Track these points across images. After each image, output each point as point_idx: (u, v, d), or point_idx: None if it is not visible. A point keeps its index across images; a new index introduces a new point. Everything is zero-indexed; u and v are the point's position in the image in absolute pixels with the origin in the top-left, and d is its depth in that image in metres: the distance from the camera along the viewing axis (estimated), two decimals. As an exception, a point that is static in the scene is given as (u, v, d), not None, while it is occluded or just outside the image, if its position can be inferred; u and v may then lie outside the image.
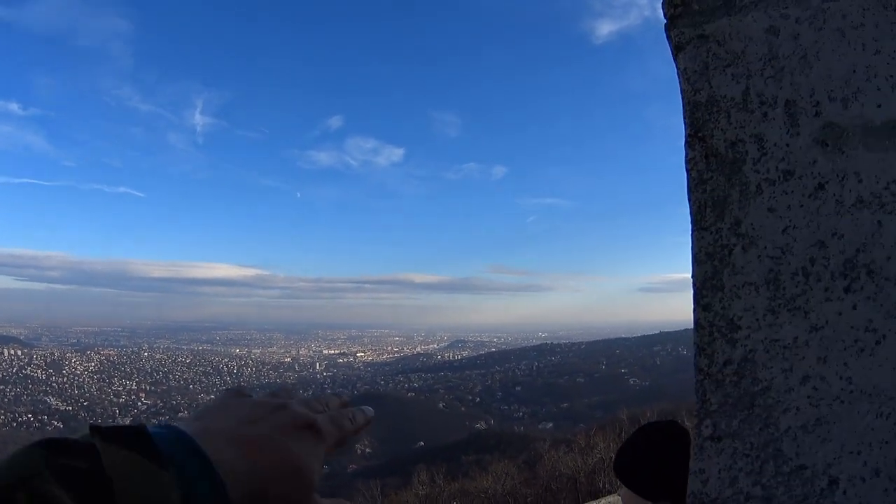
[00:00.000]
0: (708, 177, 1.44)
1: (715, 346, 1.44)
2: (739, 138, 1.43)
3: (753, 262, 1.40)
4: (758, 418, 1.37)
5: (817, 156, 1.39)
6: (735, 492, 1.40)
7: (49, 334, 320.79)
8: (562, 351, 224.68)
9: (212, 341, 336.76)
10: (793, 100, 1.41)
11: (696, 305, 1.49)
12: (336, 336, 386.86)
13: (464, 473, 45.37)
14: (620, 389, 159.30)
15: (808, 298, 1.37)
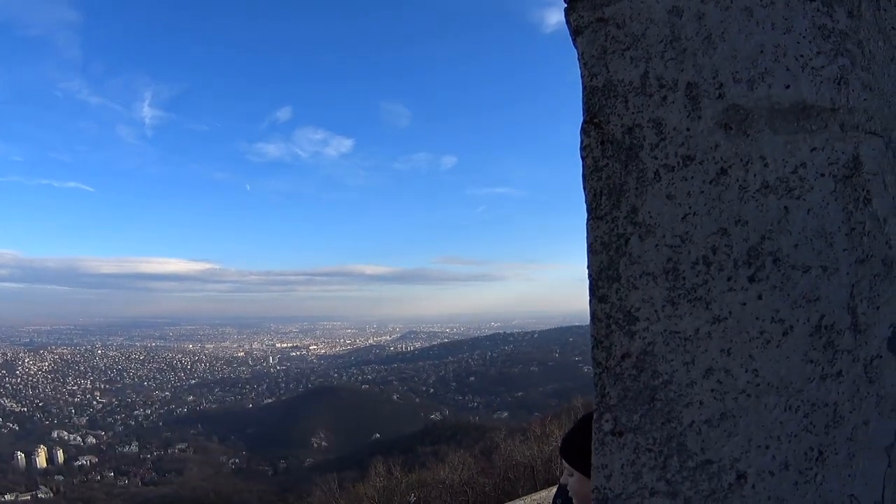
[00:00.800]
0: (603, 164, 1.43)
1: (612, 338, 1.41)
2: (637, 123, 1.42)
3: (651, 252, 1.39)
4: (659, 412, 1.37)
5: (720, 140, 1.39)
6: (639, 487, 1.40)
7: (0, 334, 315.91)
8: (515, 340, 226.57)
9: (165, 337, 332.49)
10: (695, 82, 1.40)
11: (592, 297, 1.48)
12: (288, 329, 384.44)
13: (421, 464, 46.80)
14: (574, 377, 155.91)
15: (710, 289, 1.37)
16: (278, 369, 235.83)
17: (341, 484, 37.93)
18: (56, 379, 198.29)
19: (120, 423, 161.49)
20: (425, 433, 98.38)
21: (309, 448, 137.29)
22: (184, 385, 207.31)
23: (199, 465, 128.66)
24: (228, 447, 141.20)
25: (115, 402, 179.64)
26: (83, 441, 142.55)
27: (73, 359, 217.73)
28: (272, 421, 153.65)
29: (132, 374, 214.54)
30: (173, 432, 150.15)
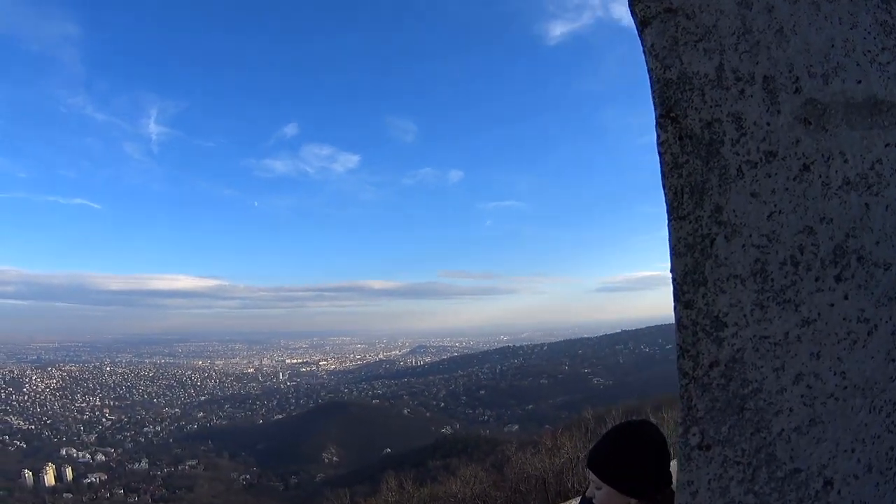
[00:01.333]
0: (683, 160, 1.36)
1: (700, 346, 1.35)
2: (716, 118, 1.34)
3: (738, 253, 1.32)
4: (749, 423, 1.30)
5: (800, 135, 1.32)
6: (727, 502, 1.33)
7: (6, 351, 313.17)
8: (524, 353, 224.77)
9: (174, 354, 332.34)
10: (771, 76, 1.34)
11: (677, 303, 1.42)
12: (298, 345, 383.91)
13: (432, 479, 46.45)
14: (584, 389, 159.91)
15: (799, 290, 1.31)
16: (288, 385, 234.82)
17: (353, 499, 37.56)
18: (64, 396, 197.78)
19: (129, 440, 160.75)
20: (436, 447, 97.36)
21: (320, 463, 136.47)
22: (194, 401, 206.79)
23: (210, 481, 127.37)
24: (239, 463, 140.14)
25: (124, 418, 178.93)
26: (92, 458, 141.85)
27: (82, 376, 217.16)
28: (283, 437, 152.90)
29: (141, 391, 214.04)
30: (183, 449, 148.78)
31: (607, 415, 36.11)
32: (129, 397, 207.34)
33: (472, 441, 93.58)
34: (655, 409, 37.45)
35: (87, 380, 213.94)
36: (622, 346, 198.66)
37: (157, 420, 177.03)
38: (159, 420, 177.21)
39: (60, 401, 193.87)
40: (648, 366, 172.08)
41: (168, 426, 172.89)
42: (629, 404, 50.38)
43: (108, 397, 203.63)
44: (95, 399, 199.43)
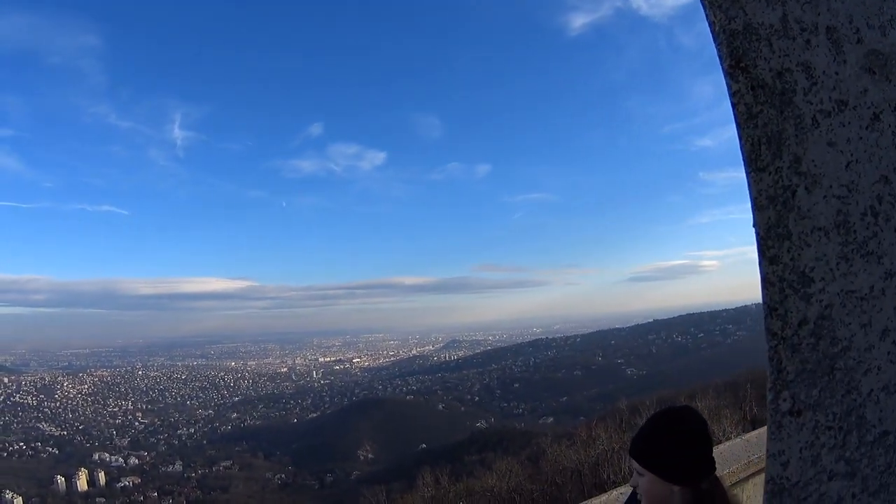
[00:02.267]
0: (758, 110, 1.32)
1: (788, 304, 1.30)
2: (786, 67, 1.32)
3: (820, 204, 1.30)
4: (839, 384, 1.26)
5: (867, 84, 1.30)
6: (818, 471, 1.30)
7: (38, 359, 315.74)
8: (557, 345, 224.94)
9: (206, 356, 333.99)
10: (833, 26, 1.32)
11: (762, 258, 1.36)
12: (331, 343, 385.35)
13: (468, 473, 45.08)
14: (618, 380, 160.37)
15: (881, 241, 1.27)
16: (322, 383, 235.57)
17: (389, 495, 36.63)
18: (96, 401, 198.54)
19: (163, 442, 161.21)
20: (472, 441, 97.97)
21: (355, 461, 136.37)
22: (227, 403, 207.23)
23: (245, 481, 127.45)
24: (274, 463, 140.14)
25: (157, 422, 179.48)
26: (125, 462, 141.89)
27: (114, 381, 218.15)
28: (317, 435, 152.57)
29: (174, 394, 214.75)
30: (218, 450, 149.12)
31: (641, 405, 35.87)
32: (161, 400, 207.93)
33: (508, 434, 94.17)
34: (689, 398, 37.00)
35: (119, 384, 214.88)
36: (654, 335, 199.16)
37: (190, 422, 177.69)
38: (193, 422, 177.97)
39: (92, 406, 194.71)
40: (681, 355, 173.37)
41: (202, 428, 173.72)
42: (663, 394, 49.55)
43: (141, 401, 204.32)
44: (128, 403, 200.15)
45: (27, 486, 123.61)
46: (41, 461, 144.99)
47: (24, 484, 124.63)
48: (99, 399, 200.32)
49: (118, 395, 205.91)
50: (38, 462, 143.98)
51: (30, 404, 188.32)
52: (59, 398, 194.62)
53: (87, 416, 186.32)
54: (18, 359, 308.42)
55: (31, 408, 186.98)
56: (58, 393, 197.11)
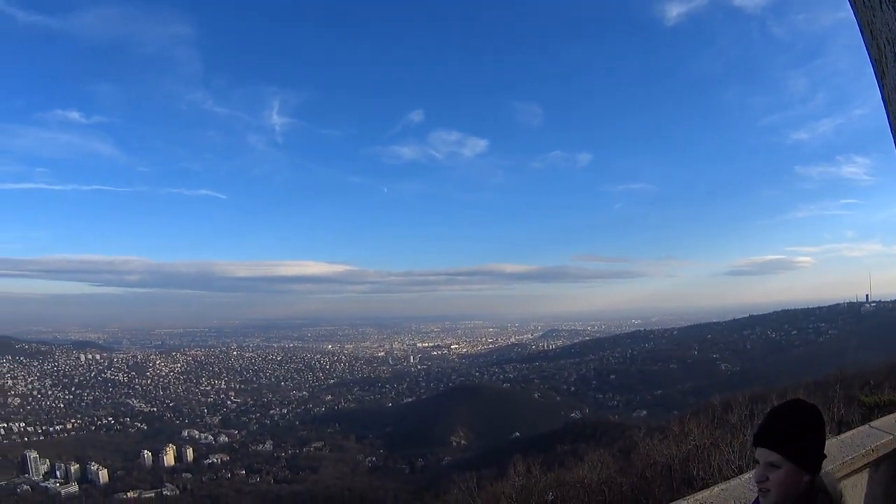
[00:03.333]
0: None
1: None
2: None
3: None
4: None
5: None
6: None
7: (130, 337, 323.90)
8: (655, 337, 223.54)
9: (303, 338, 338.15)
10: None
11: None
12: (430, 329, 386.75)
13: (559, 463, 43.51)
14: (712, 374, 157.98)
15: None
16: (419, 368, 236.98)
17: (479, 482, 34.83)
18: (188, 380, 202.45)
19: (254, 422, 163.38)
20: (565, 431, 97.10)
21: (448, 446, 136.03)
22: (322, 385, 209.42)
23: (335, 463, 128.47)
24: (365, 446, 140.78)
25: (250, 401, 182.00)
26: (215, 440, 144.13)
27: (207, 360, 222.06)
28: (411, 419, 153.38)
29: (269, 375, 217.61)
30: (309, 431, 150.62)
31: (734, 401, 33.03)
32: (255, 381, 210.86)
33: (601, 426, 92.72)
34: (780, 396, 33.16)
35: (213, 364, 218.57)
36: (750, 331, 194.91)
37: (283, 403, 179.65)
38: (286, 403, 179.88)
39: (184, 384, 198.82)
40: (774, 352, 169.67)
41: (295, 409, 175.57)
42: (755, 392, 46.46)
43: (235, 381, 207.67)
44: (221, 382, 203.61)
45: (113, 460, 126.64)
46: (129, 436, 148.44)
47: (110, 457, 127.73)
48: (191, 378, 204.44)
49: (211, 374, 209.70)
50: (125, 436, 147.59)
51: (120, 381, 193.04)
52: (151, 376, 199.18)
53: (179, 394, 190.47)
54: (111, 337, 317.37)
55: (121, 384, 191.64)
56: (149, 371, 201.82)
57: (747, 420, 25.72)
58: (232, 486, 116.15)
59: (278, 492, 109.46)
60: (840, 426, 23.32)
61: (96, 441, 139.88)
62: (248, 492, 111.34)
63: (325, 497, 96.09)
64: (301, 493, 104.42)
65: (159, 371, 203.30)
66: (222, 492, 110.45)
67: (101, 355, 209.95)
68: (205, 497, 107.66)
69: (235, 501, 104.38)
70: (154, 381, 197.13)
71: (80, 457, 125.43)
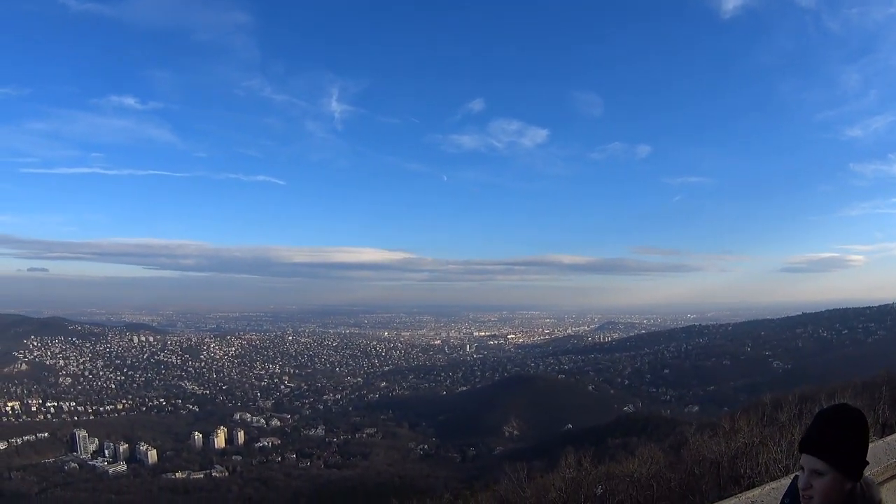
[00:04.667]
0: None
1: None
2: None
3: None
4: None
5: None
6: None
7: (185, 320, 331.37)
8: (709, 333, 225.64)
9: (360, 324, 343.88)
10: None
11: None
12: (486, 318, 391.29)
13: (610, 456, 43.94)
14: (764, 372, 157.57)
15: None
16: (475, 357, 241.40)
17: (529, 473, 34.37)
18: (243, 363, 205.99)
19: (307, 406, 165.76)
20: (617, 425, 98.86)
21: (500, 436, 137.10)
22: (377, 371, 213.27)
23: (386, 450, 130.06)
24: (418, 433, 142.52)
25: (304, 386, 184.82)
26: (267, 423, 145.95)
27: (262, 344, 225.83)
28: (465, 408, 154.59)
29: (324, 360, 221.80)
30: (362, 417, 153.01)
31: (783, 400, 32.59)
32: (310, 366, 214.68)
33: (653, 420, 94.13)
34: (829, 396, 34.52)
35: (268, 348, 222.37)
36: (802, 329, 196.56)
37: (337, 388, 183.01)
38: (340, 388, 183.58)
39: (238, 368, 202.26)
40: (825, 350, 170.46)
41: (349, 395, 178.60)
42: (804, 391, 45.83)
43: (289, 365, 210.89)
44: (275, 367, 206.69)
45: (163, 440, 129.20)
46: (180, 417, 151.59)
47: (160, 438, 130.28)
48: (245, 361, 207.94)
49: (266, 358, 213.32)
50: (176, 418, 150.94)
51: (173, 363, 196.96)
52: (205, 359, 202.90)
53: (232, 378, 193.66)
54: (165, 320, 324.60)
55: (174, 366, 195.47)
56: (203, 354, 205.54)
57: (796, 419, 24.92)
58: (282, 469, 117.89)
59: (328, 476, 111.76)
60: (884, 429, 22.37)
61: (146, 422, 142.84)
62: (297, 476, 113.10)
63: (375, 483, 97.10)
64: (351, 478, 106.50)
65: (213, 354, 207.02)
66: (272, 475, 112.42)
67: (154, 337, 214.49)
68: (254, 479, 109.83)
69: (285, 485, 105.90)
70: (208, 364, 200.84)
71: (129, 437, 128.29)
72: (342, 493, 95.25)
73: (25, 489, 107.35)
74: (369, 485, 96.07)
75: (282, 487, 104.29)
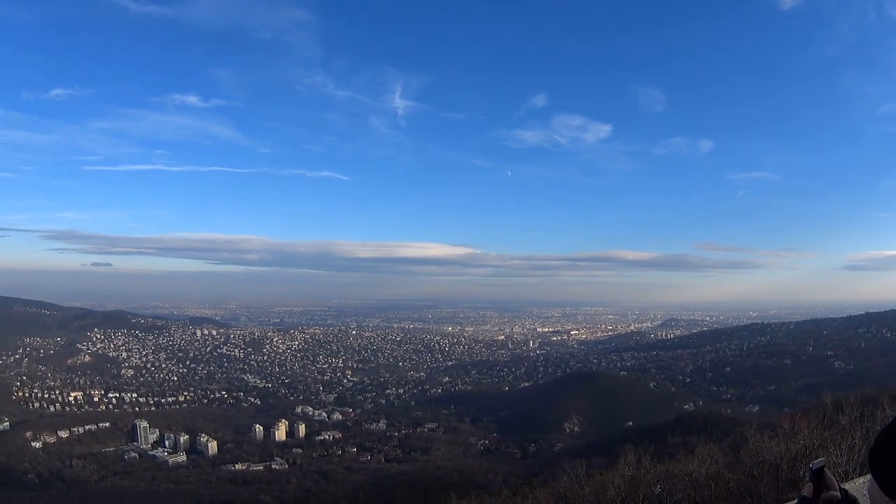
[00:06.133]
0: None
1: None
2: None
3: None
4: None
5: None
6: None
7: (248, 315, 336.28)
8: (772, 331, 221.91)
9: (423, 319, 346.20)
10: None
11: None
12: (550, 314, 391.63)
13: (670, 455, 43.64)
14: (825, 373, 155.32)
15: None
16: (538, 353, 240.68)
17: (588, 470, 34.05)
18: (305, 357, 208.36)
19: (370, 401, 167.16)
20: (677, 423, 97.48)
21: (561, 433, 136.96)
22: (440, 366, 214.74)
23: (447, 444, 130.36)
24: (479, 428, 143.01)
25: (366, 380, 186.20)
26: (328, 417, 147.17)
27: (326, 338, 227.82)
28: (526, 404, 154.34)
29: (387, 355, 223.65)
30: (424, 412, 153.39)
31: (844, 402, 31.94)
32: (373, 360, 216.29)
33: (713, 419, 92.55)
34: (892, 399, 35.22)
35: (331, 342, 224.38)
36: (865, 329, 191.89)
37: (400, 383, 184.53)
38: (403, 383, 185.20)
39: (301, 362, 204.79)
40: (889, 351, 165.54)
41: (411, 389, 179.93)
42: (866, 393, 45.08)
43: (352, 359, 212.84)
44: (338, 361, 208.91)
45: (224, 432, 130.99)
46: (241, 410, 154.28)
47: (220, 430, 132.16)
48: (308, 355, 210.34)
49: (329, 352, 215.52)
50: (237, 410, 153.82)
51: (236, 356, 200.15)
52: (267, 352, 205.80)
53: (295, 371, 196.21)
54: (229, 314, 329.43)
55: (237, 360, 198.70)
56: (266, 347, 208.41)
57: (857, 422, 23.93)
58: (342, 462, 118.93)
59: (388, 471, 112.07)
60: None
61: (208, 414, 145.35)
62: (357, 469, 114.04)
63: (434, 478, 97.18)
64: (411, 472, 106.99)
65: (276, 348, 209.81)
66: (331, 468, 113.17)
67: (217, 331, 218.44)
68: (314, 472, 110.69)
69: (344, 478, 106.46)
70: (270, 357, 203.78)
71: (190, 428, 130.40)
72: (401, 487, 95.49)
73: (86, 476, 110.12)
74: (428, 479, 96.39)
75: (341, 481, 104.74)
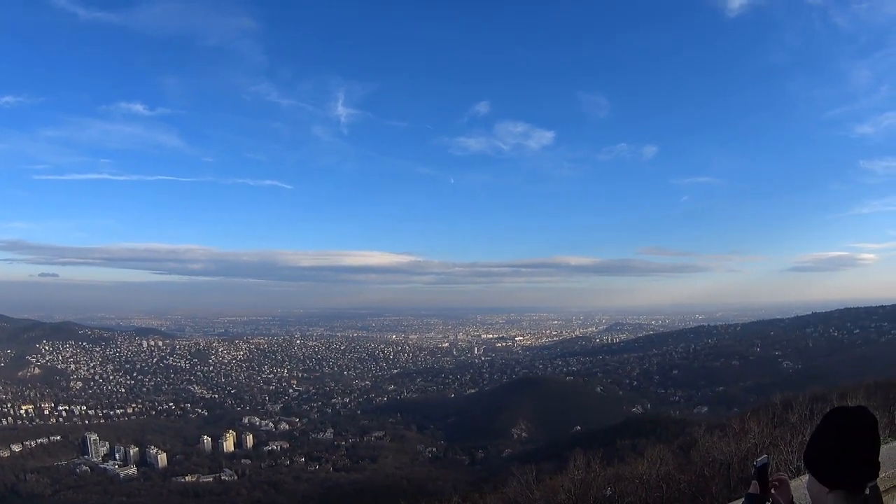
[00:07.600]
0: None
1: None
2: None
3: None
4: None
5: None
6: None
7: (193, 325, 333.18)
8: (718, 333, 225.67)
9: (367, 328, 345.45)
10: None
11: None
12: (495, 320, 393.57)
13: (619, 458, 45.45)
14: (774, 373, 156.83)
15: None
16: (483, 360, 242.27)
17: (538, 475, 34.92)
18: (251, 367, 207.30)
19: (316, 410, 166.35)
20: (626, 426, 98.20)
21: (509, 438, 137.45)
22: (385, 374, 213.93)
23: (395, 453, 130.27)
24: (427, 436, 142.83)
25: (312, 390, 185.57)
26: (275, 427, 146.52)
27: (270, 348, 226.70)
28: (473, 411, 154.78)
29: (332, 364, 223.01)
30: (371, 420, 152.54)
31: (794, 400, 34.19)
32: (318, 369, 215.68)
33: (662, 422, 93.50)
34: (841, 396, 35.80)
35: (276, 352, 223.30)
36: (812, 329, 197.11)
37: (345, 392, 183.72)
38: (348, 392, 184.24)
39: (246, 372, 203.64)
40: (836, 350, 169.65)
41: (357, 398, 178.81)
42: (815, 391, 48.41)
43: (297, 369, 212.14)
44: (283, 371, 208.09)
45: (173, 444, 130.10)
46: (189, 421, 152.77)
47: (169, 441, 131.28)
48: (254, 365, 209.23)
49: (274, 362, 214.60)
50: (185, 422, 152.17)
51: (182, 367, 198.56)
52: (213, 363, 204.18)
53: (240, 382, 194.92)
54: (174, 324, 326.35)
55: (183, 371, 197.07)
56: (212, 358, 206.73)
57: (807, 420, 25.03)
58: (291, 472, 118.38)
59: (337, 480, 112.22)
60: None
61: (156, 426, 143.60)
62: (306, 479, 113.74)
63: (383, 486, 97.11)
64: (360, 481, 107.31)
65: (222, 358, 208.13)
66: (281, 478, 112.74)
67: (163, 342, 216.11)
68: (263, 483, 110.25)
69: (293, 488, 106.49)
70: (216, 368, 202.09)
71: (139, 440, 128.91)
72: (351, 497, 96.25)
73: (40, 490, 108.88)
74: (378, 488, 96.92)
75: (291, 491, 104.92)
